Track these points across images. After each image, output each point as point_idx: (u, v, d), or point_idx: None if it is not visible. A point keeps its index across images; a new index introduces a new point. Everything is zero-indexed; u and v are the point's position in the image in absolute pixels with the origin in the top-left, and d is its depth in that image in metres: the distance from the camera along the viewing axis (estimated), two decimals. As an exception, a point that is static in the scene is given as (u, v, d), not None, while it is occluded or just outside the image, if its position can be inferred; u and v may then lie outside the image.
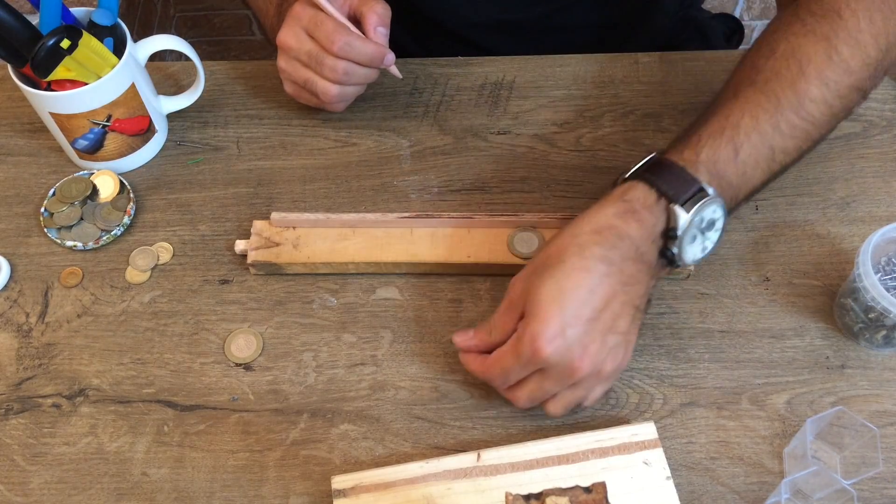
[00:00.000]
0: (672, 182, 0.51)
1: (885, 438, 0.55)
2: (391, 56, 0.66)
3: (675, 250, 0.52)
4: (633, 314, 0.52)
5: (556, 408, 0.53)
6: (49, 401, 0.59)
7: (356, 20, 0.66)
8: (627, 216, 0.51)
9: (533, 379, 0.52)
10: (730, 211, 0.54)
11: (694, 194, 0.51)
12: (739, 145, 0.53)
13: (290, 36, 0.64)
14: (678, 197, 0.51)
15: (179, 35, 0.69)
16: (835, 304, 0.61)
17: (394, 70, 0.69)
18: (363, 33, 0.65)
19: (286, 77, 0.68)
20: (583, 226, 0.52)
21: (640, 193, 0.52)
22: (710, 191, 0.51)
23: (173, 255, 0.66)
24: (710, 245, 0.54)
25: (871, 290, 0.54)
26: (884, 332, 0.57)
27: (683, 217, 0.50)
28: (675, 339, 0.60)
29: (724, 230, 0.54)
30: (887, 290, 0.55)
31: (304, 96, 0.69)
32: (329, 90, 0.65)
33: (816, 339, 0.60)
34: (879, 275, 0.58)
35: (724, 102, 0.56)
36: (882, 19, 0.56)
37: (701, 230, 0.52)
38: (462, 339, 0.56)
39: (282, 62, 0.66)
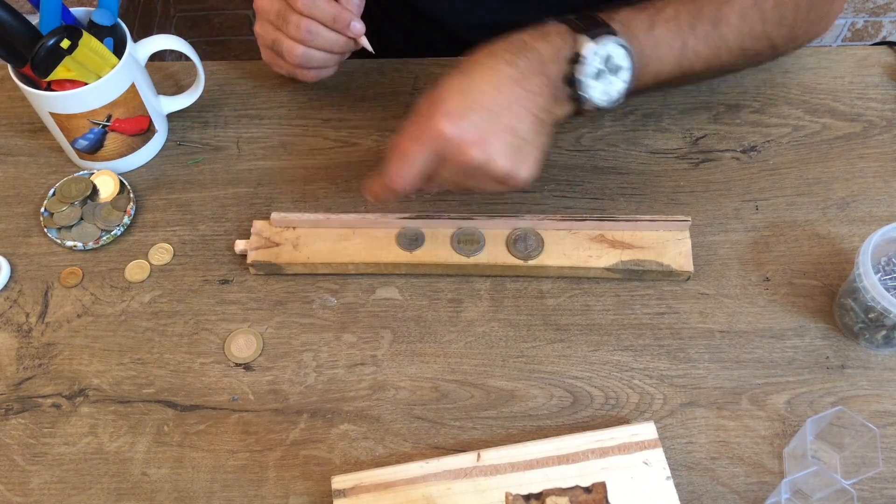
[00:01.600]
0: (584, 21, 0.56)
1: (885, 438, 0.55)
2: (359, 24, 0.63)
3: (578, 77, 0.55)
4: (534, 123, 0.54)
5: (441, 186, 0.56)
6: (49, 401, 0.59)
7: None
8: (538, 36, 0.55)
9: (427, 159, 0.54)
10: (639, 82, 0.58)
11: (603, 32, 0.55)
12: (655, 23, 0.59)
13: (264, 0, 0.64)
14: (587, 30, 0.55)
15: (179, 35, 0.69)
16: (835, 304, 0.61)
17: (364, 42, 0.66)
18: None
19: (260, 42, 0.67)
20: (497, 42, 0.56)
21: (554, 24, 0.56)
22: (618, 34, 0.56)
23: (174, 256, 0.66)
24: (613, 92, 0.57)
25: (871, 290, 0.54)
26: (884, 332, 0.57)
27: (588, 45, 0.54)
28: (675, 339, 0.60)
29: (629, 84, 0.57)
30: (887, 290, 0.55)
31: (277, 62, 0.67)
32: (293, 49, 0.64)
33: (816, 339, 0.60)
34: (879, 275, 0.58)
35: None
36: (807, 1, 0.63)
37: (607, 68, 0.56)
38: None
39: (256, 26, 0.66)
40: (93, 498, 0.55)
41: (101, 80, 0.63)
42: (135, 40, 0.67)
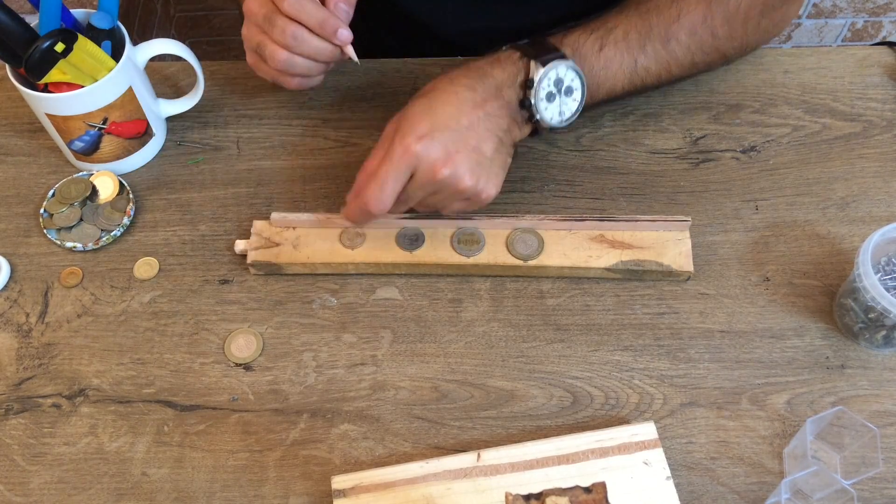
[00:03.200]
0: (535, 46, 0.60)
1: (885, 438, 0.55)
2: (346, 32, 0.62)
3: (532, 100, 0.58)
4: (496, 143, 0.58)
5: (409, 204, 0.59)
6: (49, 401, 0.59)
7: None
8: (493, 62, 0.59)
9: (398, 181, 0.56)
10: (593, 100, 0.62)
11: (552, 58, 0.58)
12: (605, 44, 0.62)
13: (253, 2, 0.62)
14: (537, 56, 0.59)
15: (179, 35, 0.70)
16: (835, 304, 0.61)
17: (350, 51, 0.64)
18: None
19: (245, 45, 0.65)
20: (455, 69, 0.59)
21: (508, 51, 0.60)
22: (567, 57, 0.59)
23: (159, 270, 0.65)
24: (567, 112, 0.61)
25: (871, 290, 0.54)
26: (884, 332, 0.57)
27: (538, 70, 0.58)
28: (675, 339, 0.60)
29: (582, 102, 0.61)
30: (887, 290, 0.55)
31: (260, 66, 0.65)
32: (276, 54, 0.61)
33: (816, 339, 0.60)
34: (879, 275, 0.58)
35: (606, 14, 0.64)
36: (758, 13, 0.65)
37: (558, 91, 0.59)
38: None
39: (244, 29, 0.64)
40: (93, 498, 0.55)
41: (98, 84, 0.63)
42: (134, 39, 0.67)
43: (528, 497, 0.45)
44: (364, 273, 0.64)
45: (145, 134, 0.70)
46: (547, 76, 0.58)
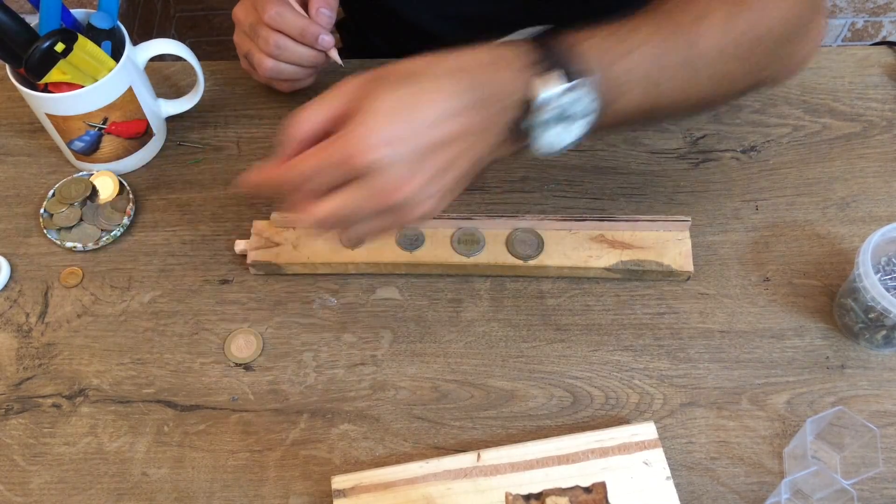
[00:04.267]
0: (556, 57, 0.46)
1: (885, 438, 0.55)
2: (328, 38, 0.63)
3: (528, 125, 0.47)
4: (465, 170, 0.46)
5: (348, 237, 0.48)
6: (49, 401, 0.59)
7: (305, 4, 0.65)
8: (493, 63, 0.46)
9: (341, 194, 0.44)
10: (599, 124, 0.49)
11: (569, 71, 0.46)
12: (631, 49, 0.49)
13: (240, 9, 0.64)
14: (548, 68, 0.46)
15: (179, 35, 0.70)
16: (835, 304, 0.61)
17: (334, 55, 0.66)
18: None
19: (238, 51, 0.67)
20: (451, 57, 0.46)
21: (513, 50, 0.47)
22: (588, 83, 0.47)
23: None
24: (563, 142, 0.49)
25: (871, 290, 0.54)
26: (884, 332, 0.57)
27: (543, 94, 0.46)
28: (675, 339, 0.60)
29: (586, 133, 0.49)
30: (887, 290, 0.55)
31: (252, 72, 0.68)
32: (263, 62, 0.64)
33: (816, 339, 0.60)
34: (879, 275, 0.58)
35: (626, 20, 0.51)
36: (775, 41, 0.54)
37: (563, 118, 0.47)
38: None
39: (235, 36, 0.66)
40: (93, 498, 0.55)
41: (97, 84, 0.63)
42: (134, 39, 0.67)
43: (528, 497, 0.45)
44: (364, 273, 0.64)
45: (145, 134, 0.70)
46: (552, 102, 0.46)
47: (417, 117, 0.43)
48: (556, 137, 0.48)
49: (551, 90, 0.46)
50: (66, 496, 0.55)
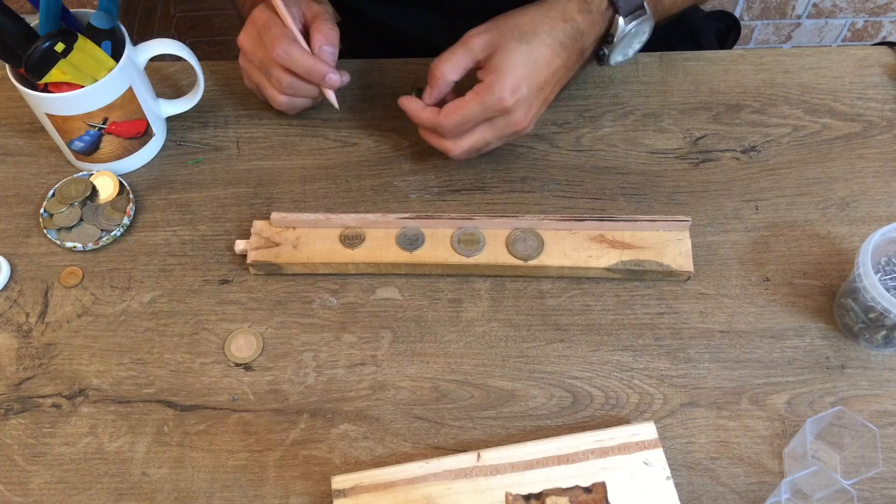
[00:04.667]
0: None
1: (885, 438, 0.55)
2: (334, 76, 0.65)
3: (606, 51, 0.65)
4: (558, 91, 0.65)
5: (463, 151, 0.64)
6: (49, 401, 0.59)
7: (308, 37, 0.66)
8: (585, 14, 0.62)
9: (479, 129, 0.63)
10: (657, 24, 0.67)
11: (635, 9, 0.63)
12: None
13: (246, 39, 0.66)
14: (625, 10, 0.62)
15: (179, 35, 0.70)
16: (835, 304, 0.61)
17: (331, 97, 0.67)
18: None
19: (244, 75, 0.70)
20: (553, 9, 0.62)
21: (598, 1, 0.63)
22: (648, 10, 0.64)
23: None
24: (631, 52, 0.67)
25: (871, 290, 0.54)
26: (884, 332, 0.57)
27: (620, 27, 0.63)
28: (675, 339, 0.60)
29: (645, 43, 0.66)
30: (887, 290, 0.55)
31: (258, 93, 0.70)
32: (276, 98, 0.67)
33: (816, 339, 0.60)
34: (879, 275, 0.58)
35: None
36: None
37: (631, 43, 0.65)
38: (409, 100, 0.65)
39: (241, 61, 0.69)
40: (93, 498, 0.55)
41: (98, 84, 0.63)
42: (135, 40, 0.67)
43: (528, 497, 0.45)
44: (364, 273, 0.64)
45: (145, 134, 0.70)
46: (626, 34, 0.63)
47: (537, 68, 0.61)
48: (623, 52, 0.66)
49: (625, 27, 0.63)
50: (66, 496, 0.55)
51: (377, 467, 0.54)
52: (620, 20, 0.62)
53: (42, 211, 0.67)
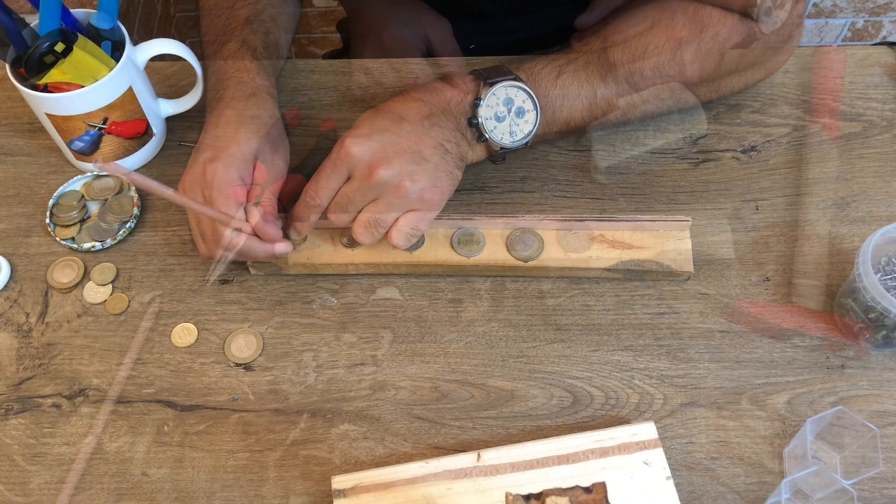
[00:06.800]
0: (489, 70, 0.62)
1: (885, 438, 0.55)
2: (282, 245, 0.61)
3: (479, 119, 0.60)
4: (440, 150, 0.58)
5: (359, 227, 0.59)
6: (49, 401, 0.59)
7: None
8: (448, 83, 0.62)
9: (342, 190, 0.58)
10: (551, 126, 0.63)
11: (502, 79, 0.60)
12: (563, 72, 0.63)
13: (190, 187, 0.60)
14: (488, 77, 0.61)
15: (179, 35, 0.70)
16: (835, 304, 0.61)
17: (280, 249, 0.61)
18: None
19: (191, 223, 0.63)
20: (411, 87, 0.62)
21: (462, 75, 0.63)
22: (520, 80, 0.61)
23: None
24: (519, 134, 0.62)
25: (871, 290, 0.54)
26: (884, 332, 0.57)
27: (487, 89, 0.60)
28: (675, 339, 0.60)
29: (536, 125, 0.61)
30: (887, 290, 0.55)
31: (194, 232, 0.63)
32: (208, 252, 0.61)
33: (816, 339, 0.60)
34: (879, 275, 0.58)
35: (571, 46, 0.66)
36: (733, 61, 0.65)
37: (508, 111, 0.61)
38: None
39: (188, 212, 0.63)
40: (93, 498, 0.55)
41: (97, 84, 0.63)
42: (135, 40, 0.67)
43: (528, 497, 0.45)
44: (364, 273, 0.64)
45: (145, 134, 0.70)
46: (495, 95, 0.60)
47: (384, 119, 0.58)
48: (507, 130, 0.61)
49: (491, 88, 0.60)
50: (67, 496, 0.55)
51: (377, 467, 0.54)
52: (485, 84, 0.60)
53: (48, 220, 0.67)
